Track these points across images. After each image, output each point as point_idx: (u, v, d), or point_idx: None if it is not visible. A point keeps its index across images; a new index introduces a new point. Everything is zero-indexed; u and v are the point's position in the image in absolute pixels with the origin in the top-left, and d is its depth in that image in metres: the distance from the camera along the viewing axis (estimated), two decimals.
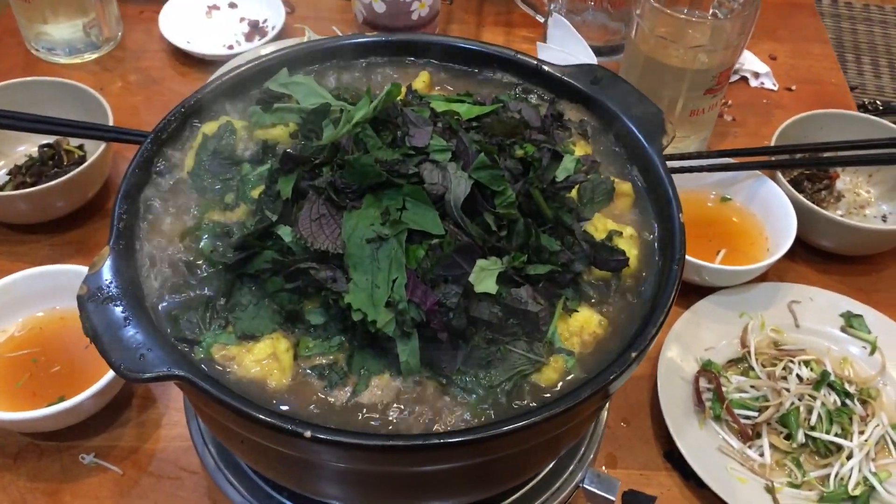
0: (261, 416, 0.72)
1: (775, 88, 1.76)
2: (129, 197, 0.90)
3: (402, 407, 0.78)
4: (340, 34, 1.74)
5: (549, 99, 1.05)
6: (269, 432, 0.73)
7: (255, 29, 1.79)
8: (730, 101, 1.73)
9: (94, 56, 1.74)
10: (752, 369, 1.28)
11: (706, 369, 1.27)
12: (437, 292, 0.79)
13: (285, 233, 0.83)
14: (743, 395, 1.25)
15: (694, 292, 1.36)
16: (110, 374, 1.13)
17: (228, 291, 0.84)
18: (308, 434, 0.71)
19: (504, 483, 0.94)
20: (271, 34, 1.76)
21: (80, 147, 1.50)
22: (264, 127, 0.98)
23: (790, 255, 1.38)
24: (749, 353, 1.30)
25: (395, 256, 0.80)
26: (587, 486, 1.04)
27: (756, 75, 1.77)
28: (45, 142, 1.49)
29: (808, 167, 1.49)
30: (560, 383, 0.81)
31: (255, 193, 0.92)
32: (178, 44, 1.72)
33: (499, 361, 0.81)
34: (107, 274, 0.81)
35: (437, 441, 0.73)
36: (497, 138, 0.89)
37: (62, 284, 1.24)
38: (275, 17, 1.79)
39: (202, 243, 0.88)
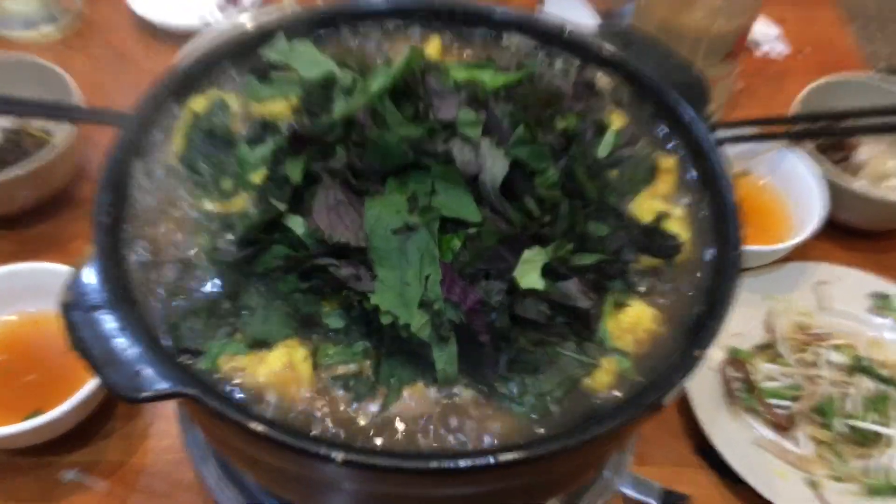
0: (285, 439, 0.62)
1: (788, 51, 1.67)
2: (112, 186, 0.78)
3: (440, 420, 0.68)
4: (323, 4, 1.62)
5: (578, 66, 0.94)
6: (294, 456, 0.63)
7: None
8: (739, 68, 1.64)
9: (52, 29, 1.60)
10: (781, 356, 1.20)
11: (733, 357, 1.19)
12: (479, 289, 0.69)
13: (297, 224, 0.73)
14: (774, 383, 1.17)
15: None
16: (91, 384, 1.02)
17: (234, 293, 0.74)
18: (340, 458, 0.61)
19: (543, 498, 0.85)
20: (247, 3, 1.63)
21: (46, 132, 1.37)
22: (261, 100, 0.87)
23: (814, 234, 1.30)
24: (777, 338, 1.21)
25: (426, 249, 0.70)
26: (626, 491, 0.95)
27: (766, 41, 1.68)
28: (3, 125, 1.35)
29: (833, 136, 1.40)
30: (615, 388, 0.71)
31: (257, 178, 0.80)
32: (146, 16, 1.59)
33: (547, 366, 0.71)
34: (92, 277, 0.70)
35: (481, 462, 0.63)
36: (532, 110, 0.79)
37: (34, 284, 1.12)
38: None
39: (200, 238, 0.77)
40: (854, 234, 1.38)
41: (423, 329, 0.68)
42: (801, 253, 1.34)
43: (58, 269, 1.12)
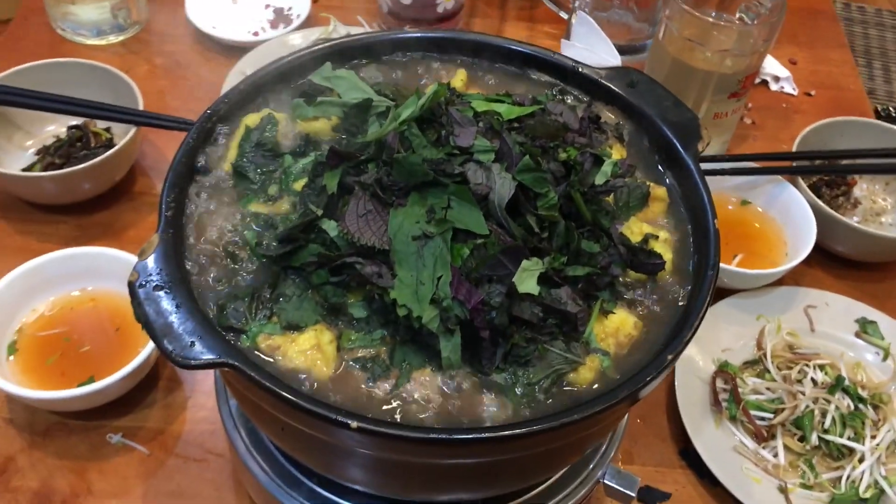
0: (308, 406, 0.74)
1: (795, 93, 1.78)
2: (176, 186, 0.91)
3: (443, 401, 0.80)
4: (365, 24, 1.76)
5: (587, 101, 1.06)
6: (316, 422, 0.75)
7: (280, 16, 1.80)
8: (750, 104, 1.75)
9: (120, 38, 1.75)
10: (768, 371, 1.30)
11: (723, 370, 1.30)
12: (482, 291, 0.80)
13: (330, 227, 0.85)
14: (759, 396, 1.27)
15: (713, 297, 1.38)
16: (140, 357, 1.15)
17: (274, 283, 0.86)
18: (355, 425, 0.73)
19: (532, 477, 0.96)
20: (296, 22, 1.76)
21: (108, 129, 1.51)
22: (306, 119, 0.99)
23: (807, 259, 1.40)
24: (765, 355, 1.32)
25: (440, 254, 0.82)
26: (608, 482, 1.06)
27: (776, 79, 1.79)
28: (73, 123, 1.50)
29: (828, 174, 1.51)
30: (595, 383, 0.83)
31: (298, 186, 0.93)
32: (203, 28, 1.73)
33: (537, 360, 0.83)
34: (156, 261, 0.83)
35: (476, 436, 0.75)
36: (540, 140, 0.91)
37: (92, 266, 1.26)
38: (300, 5, 1.79)
39: (247, 234, 0.90)
40: (846, 263, 1.48)
41: (432, 322, 0.79)
42: (794, 278, 1.45)
43: (113, 253, 1.26)
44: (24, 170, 1.44)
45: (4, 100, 1.39)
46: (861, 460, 1.21)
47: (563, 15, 1.81)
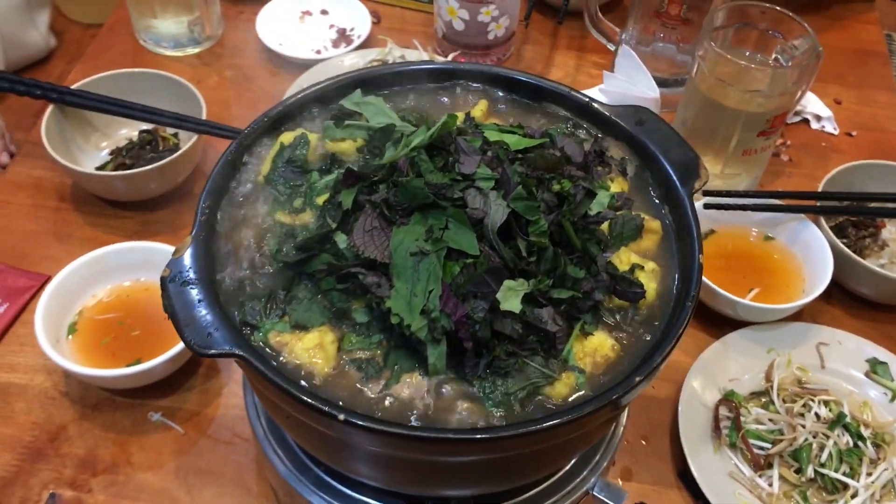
0: (303, 398, 0.84)
1: (836, 133, 1.81)
2: (213, 194, 1.02)
3: (427, 402, 0.89)
4: (420, 48, 1.86)
5: (595, 136, 1.14)
6: (309, 412, 0.85)
7: (343, 36, 1.92)
8: (788, 142, 1.78)
9: (196, 51, 1.89)
10: (773, 403, 1.35)
11: (728, 399, 1.35)
12: (467, 306, 0.89)
13: (341, 240, 0.95)
14: (760, 426, 1.32)
15: (727, 325, 1.44)
16: (182, 344, 1.27)
17: (289, 286, 0.96)
18: (342, 417, 0.83)
19: (517, 479, 1.04)
20: (356, 42, 1.88)
21: (175, 135, 1.65)
22: (335, 140, 1.10)
23: (826, 296, 1.45)
24: (772, 387, 1.36)
25: (433, 270, 0.91)
26: (596, 493, 1.13)
27: (818, 118, 1.82)
28: (144, 128, 1.64)
29: (852, 215, 1.54)
30: (569, 398, 0.91)
31: (320, 201, 1.03)
32: (271, 45, 1.86)
33: (516, 372, 0.91)
34: (187, 260, 0.94)
35: (448, 436, 0.83)
36: (538, 171, 0.99)
37: (149, 259, 1.39)
38: (361, 27, 1.91)
39: (270, 242, 1.01)
40: (865, 302, 1.51)
41: (421, 330, 0.88)
42: (811, 315, 1.49)
43: (168, 249, 1.38)
44: (97, 168, 1.59)
45: (84, 104, 1.55)
46: (854, 496, 1.25)
47: (611, 47, 1.88)
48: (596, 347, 0.94)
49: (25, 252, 1.51)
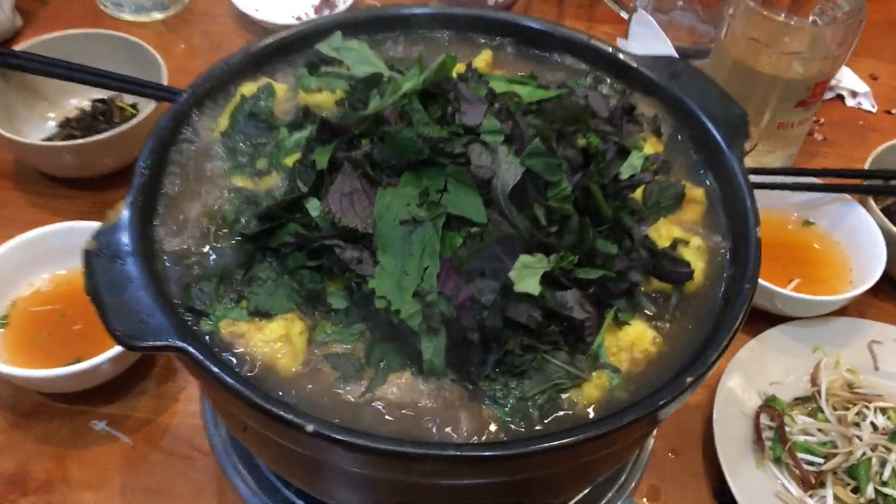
0: (261, 403, 0.65)
1: (874, 110, 1.63)
2: (156, 153, 0.83)
3: (420, 410, 0.70)
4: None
5: (621, 90, 0.95)
6: (270, 422, 0.66)
7: (326, 2, 1.73)
8: (822, 120, 1.60)
9: (161, 16, 1.70)
10: (822, 411, 1.16)
11: (769, 405, 1.16)
12: (472, 287, 0.70)
13: (313, 206, 0.76)
14: (808, 438, 1.13)
15: (763, 320, 1.25)
16: None
17: (247, 264, 0.77)
18: (310, 428, 0.64)
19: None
20: (341, 7, 1.69)
21: (134, 106, 1.45)
22: (309, 91, 0.90)
23: (873, 290, 1.26)
24: (819, 392, 1.18)
25: (429, 242, 0.72)
26: None
27: (854, 94, 1.64)
28: (98, 96, 1.45)
29: None
30: (601, 403, 0.72)
31: (290, 161, 0.84)
32: (245, 10, 1.67)
33: (534, 371, 0.72)
34: (120, 230, 0.75)
35: (449, 453, 0.64)
36: (557, 124, 0.80)
37: None
38: None
39: (226, 210, 0.81)
40: None
41: (413, 318, 0.69)
42: (858, 310, 1.30)
43: None
44: (43, 140, 1.39)
45: (28, 66, 1.35)
46: None
47: (624, 14, 1.69)
48: (633, 340, 0.74)
49: None
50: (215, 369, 0.67)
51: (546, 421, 0.70)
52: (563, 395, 0.71)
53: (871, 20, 1.74)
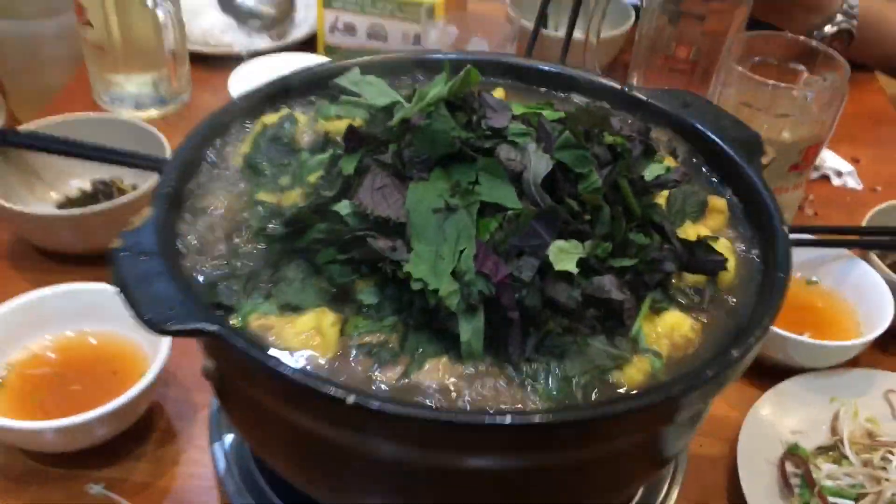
0: (299, 377, 0.62)
1: (859, 188, 1.67)
2: (181, 169, 0.83)
3: (459, 393, 0.67)
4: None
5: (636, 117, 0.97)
6: (307, 399, 0.63)
7: None
8: (811, 196, 1.64)
9: (160, 112, 1.73)
10: (846, 458, 1.13)
11: (793, 453, 1.13)
12: (511, 265, 0.69)
13: (343, 206, 0.75)
14: (837, 482, 1.09)
15: (776, 377, 1.23)
16: (126, 395, 1.03)
17: (275, 264, 0.75)
18: (351, 399, 0.61)
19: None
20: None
21: (134, 187, 1.45)
22: (329, 119, 0.92)
23: (883, 345, 1.26)
24: (841, 441, 1.15)
25: (464, 227, 0.71)
26: None
27: (839, 174, 1.69)
28: (98, 178, 1.45)
29: None
30: (644, 387, 0.69)
31: (312, 178, 0.84)
32: None
33: (575, 354, 0.69)
34: (145, 232, 0.74)
35: (508, 421, 0.61)
36: (583, 127, 0.81)
37: (97, 304, 1.16)
38: None
39: (251, 221, 0.80)
40: None
41: (451, 297, 0.67)
42: (869, 364, 1.29)
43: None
44: None
45: (30, 144, 1.35)
46: None
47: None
48: (673, 327, 0.73)
49: None
50: (250, 350, 0.64)
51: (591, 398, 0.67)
52: (606, 377, 0.69)
53: (851, 111, 1.83)
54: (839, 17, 1.78)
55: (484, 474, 0.68)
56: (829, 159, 1.71)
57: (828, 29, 1.77)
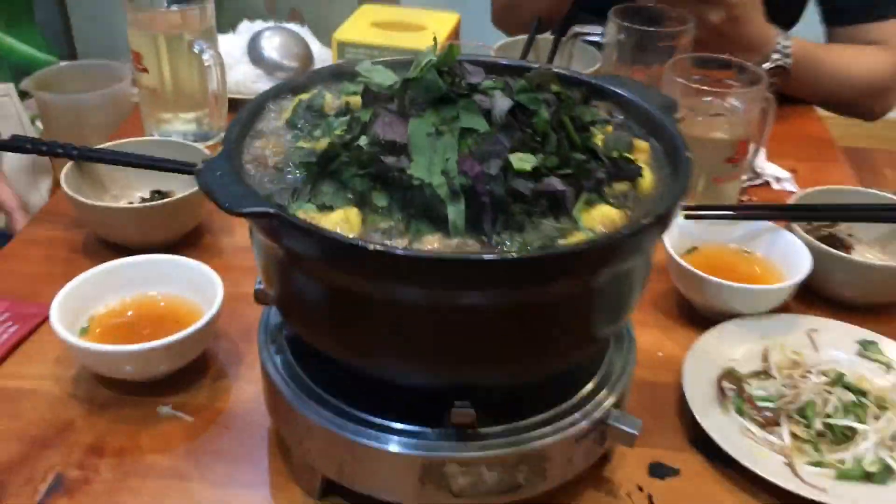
0: (334, 236, 0.90)
1: (795, 191, 1.95)
2: (240, 125, 1.12)
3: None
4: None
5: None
6: (340, 251, 0.90)
7: None
8: (754, 198, 1.92)
9: (203, 146, 2.04)
10: (773, 377, 1.38)
11: (730, 374, 1.38)
12: (483, 165, 0.97)
13: (363, 140, 1.04)
14: (763, 392, 1.34)
15: (715, 323, 1.48)
16: (187, 330, 1.29)
17: (312, 181, 1.04)
18: (372, 247, 0.88)
19: (551, 349, 1.03)
20: None
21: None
22: (348, 94, 1.22)
23: (807, 303, 1.53)
24: (770, 366, 1.40)
25: (449, 144, 1.00)
26: (612, 423, 1.14)
27: (778, 180, 1.97)
28: (157, 188, 1.75)
29: (823, 220, 1.65)
30: None
31: (338, 132, 1.13)
32: None
33: (531, 228, 0.97)
34: (220, 158, 1.03)
35: (509, 256, 0.91)
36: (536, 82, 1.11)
37: (166, 272, 1.44)
38: None
39: (293, 158, 1.09)
40: (845, 307, 1.57)
41: (441, 187, 0.96)
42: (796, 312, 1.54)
43: (182, 261, 1.44)
44: None
45: (103, 158, 1.67)
46: (863, 439, 1.25)
47: None
48: (604, 213, 1.01)
49: (37, 291, 1.55)
50: (300, 222, 0.92)
51: None
52: (554, 244, 0.96)
53: (793, 134, 2.13)
54: (775, 55, 2.09)
55: (474, 311, 0.95)
56: (770, 168, 1.99)
57: (766, 66, 2.09)
